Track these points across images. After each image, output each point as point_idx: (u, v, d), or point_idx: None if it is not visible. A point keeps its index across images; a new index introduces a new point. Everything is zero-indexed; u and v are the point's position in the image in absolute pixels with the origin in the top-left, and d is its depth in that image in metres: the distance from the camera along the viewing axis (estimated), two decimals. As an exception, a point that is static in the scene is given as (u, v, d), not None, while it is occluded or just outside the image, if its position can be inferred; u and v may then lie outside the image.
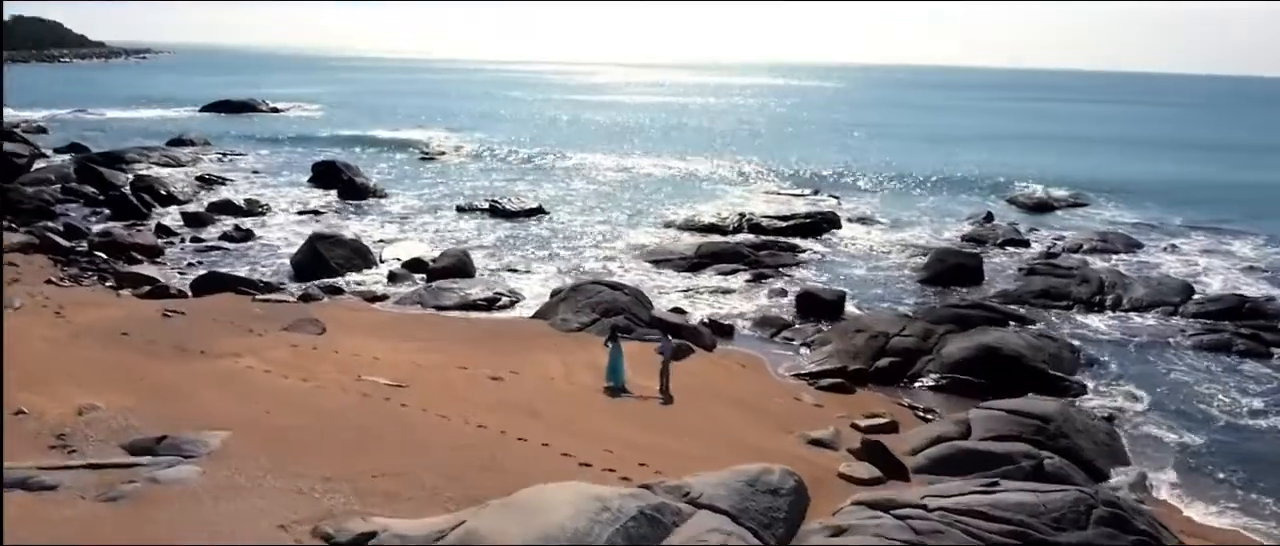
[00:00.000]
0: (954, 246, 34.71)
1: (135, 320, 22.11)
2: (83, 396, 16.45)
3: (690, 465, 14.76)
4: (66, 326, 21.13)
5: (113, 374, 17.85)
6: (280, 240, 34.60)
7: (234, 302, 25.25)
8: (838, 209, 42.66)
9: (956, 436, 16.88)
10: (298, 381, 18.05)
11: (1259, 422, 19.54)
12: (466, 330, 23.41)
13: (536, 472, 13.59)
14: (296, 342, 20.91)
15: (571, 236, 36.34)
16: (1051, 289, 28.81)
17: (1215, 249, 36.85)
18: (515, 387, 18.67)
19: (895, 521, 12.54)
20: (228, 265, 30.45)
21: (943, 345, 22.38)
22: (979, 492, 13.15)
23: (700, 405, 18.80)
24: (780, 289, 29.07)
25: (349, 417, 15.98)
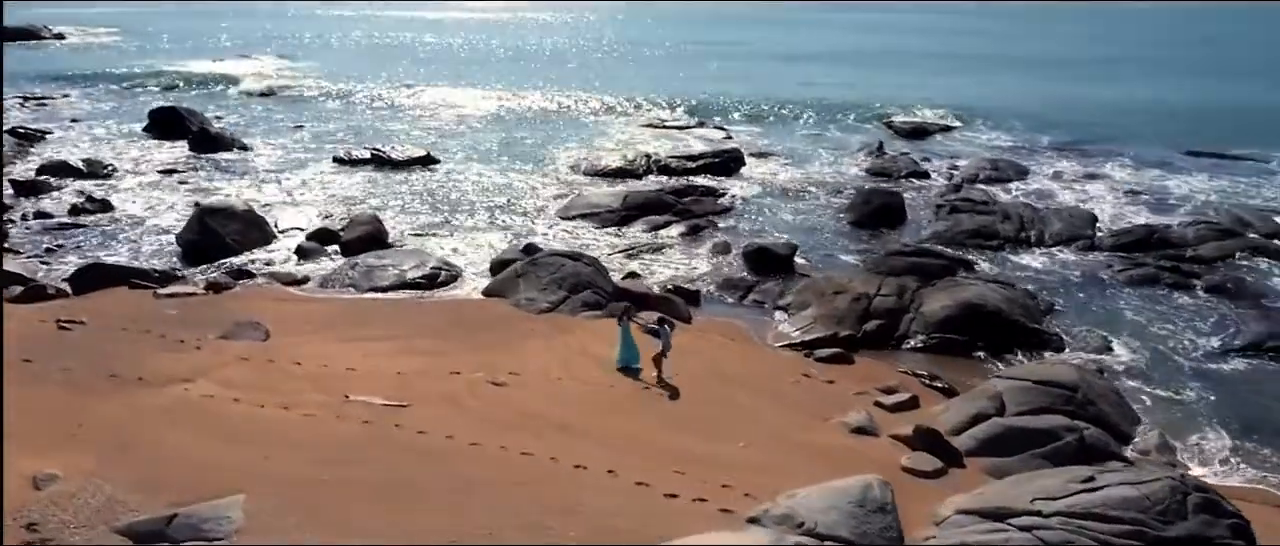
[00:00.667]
0: (873, 185, 34.91)
1: (26, 337, 18.67)
2: (24, 459, 13.60)
3: (764, 479, 14.06)
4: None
5: (45, 422, 14.93)
6: (145, 211, 30.53)
7: (135, 302, 21.93)
8: (736, 143, 42.09)
9: (994, 413, 16.86)
10: (277, 410, 15.77)
11: (1224, 366, 20.76)
12: (426, 319, 21.36)
13: (628, 511, 12.45)
14: (246, 355, 18.32)
15: (474, 190, 34.04)
16: (981, 229, 29.56)
17: (1095, 173, 39.05)
18: (524, 394, 17.13)
19: (1024, 535, 12.23)
20: (98, 248, 26.48)
21: (921, 303, 22.42)
22: (1083, 490, 13.04)
23: (719, 393, 17.97)
24: (723, 243, 28.35)
25: (368, 458, 14.06)
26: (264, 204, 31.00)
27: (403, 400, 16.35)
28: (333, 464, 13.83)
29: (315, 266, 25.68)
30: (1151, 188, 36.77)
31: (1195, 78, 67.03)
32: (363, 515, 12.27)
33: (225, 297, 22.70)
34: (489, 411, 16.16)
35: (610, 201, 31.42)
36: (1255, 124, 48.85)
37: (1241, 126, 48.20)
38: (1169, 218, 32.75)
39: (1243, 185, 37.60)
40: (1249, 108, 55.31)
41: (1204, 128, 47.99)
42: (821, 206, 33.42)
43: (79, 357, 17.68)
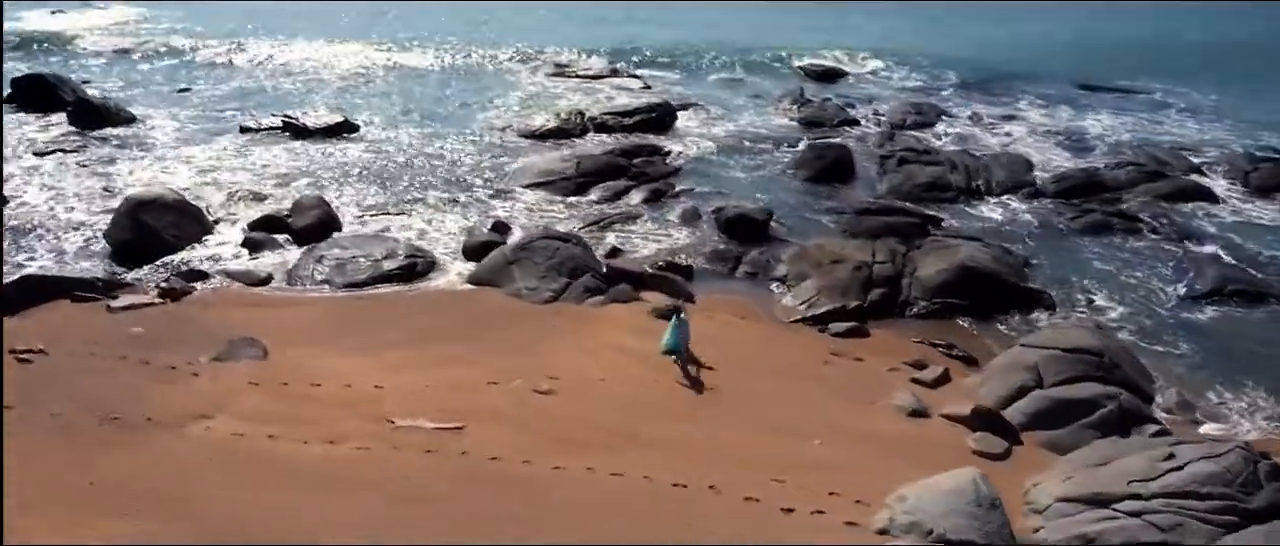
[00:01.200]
0: (817, 138, 35.12)
1: (-18, 374, 16.57)
2: (47, 534, 12.14)
3: (860, 480, 14.18)
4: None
5: (59, 481, 13.34)
6: (45, 201, 27.53)
7: (88, 319, 19.82)
8: (658, 95, 41.52)
9: (1034, 384, 17.47)
10: (323, 446, 14.68)
11: (1198, 315, 22.31)
12: (429, 320, 20.27)
13: (759, 533, 12.27)
14: (254, 378, 16.91)
15: (408, 160, 32.25)
16: (934, 181, 30.35)
17: (1011, 115, 40.69)
18: (576, 403, 16.57)
19: (1134, 521, 12.77)
20: (12, 254, 23.72)
21: (915, 267, 22.90)
22: (1171, 470, 13.73)
23: (758, 383, 17.96)
24: (692, 209, 28.06)
25: (449, 493, 13.32)
26: (183, 187, 28.42)
27: (454, 421, 15.49)
28: (414, 503, 13.03)
29: (272, 259, 23.91)
30: (1067, 128, 38.58)
31: (1082, 13, 70.15)
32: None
33: (188, 306, 20.85)
34: (550, 426, 15.54)
35: (563, 168, 30.46)
36: (1140, 57, 51.84)
37: (1127, 60, 51.06)
38: (1089, 158, 34.53)
39: (1145, 121, 39.99)
40: (1133, 41, 58.56)
41: (1093, 61, 50.57)
42: (769, 162, 33.47)
43: (59, 397, 15.85)
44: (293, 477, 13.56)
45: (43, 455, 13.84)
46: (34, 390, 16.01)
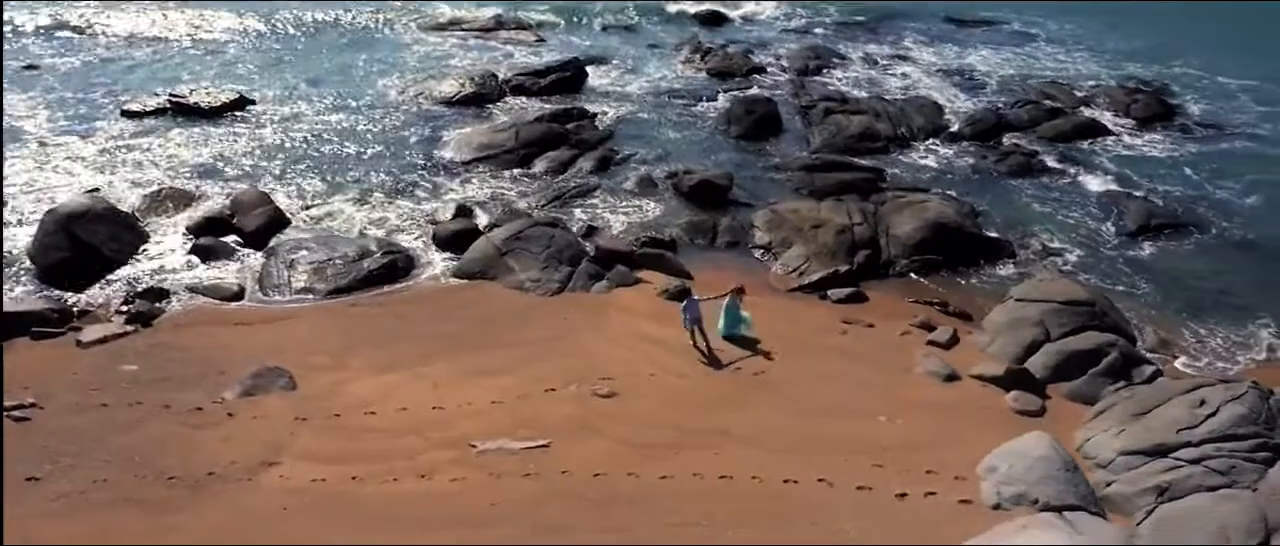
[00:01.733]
0: (742, 92, 35.64)
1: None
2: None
3: (942, 455, 15.23)
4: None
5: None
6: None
7: (61, 359, 18.26)
8: (555, 49, 40.98)
9: (1044, 338, 19.06)
10: (417, 481, 14.46)
11: (1139, 252, 24.76)
12: (443, 323, 19.82)
13: (890, 524, 13.17)
14: (301, 413, 16.18)
15: (323, 139, 30.48)
16: (865, 131, 31.68)
17: (901, 54, 42.51)
18: (640, 402, 16.86)
19: (1197, 468, 14.46)
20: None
21: (888, 226, 24.13)
22: (1209, 415, 15.48)
23: (796, 362, 18.74)
24: (646, 176, 28.23)
25: (575, 521, 13.44)
26: (91, 188, 26.04)
27: (535, 437, 15.45)
28: (550, 532, 13.07)
29: (231, 268, 22.48)
30: (957, 67, 40.81)
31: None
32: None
33: (166, 333, 19.47)
34: (630, 432, 15.78)
35: (502, 140, 29.83)
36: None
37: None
38: (984, 97, 36.77)
39: (1022, 56, 42.77)
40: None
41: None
42: (697, 119, 33.82)
43: (95, 461, 14.74)
44: (409, 520, 13.28)
45: (121, 531, 12.90)
46: (59, 454, 14.79)
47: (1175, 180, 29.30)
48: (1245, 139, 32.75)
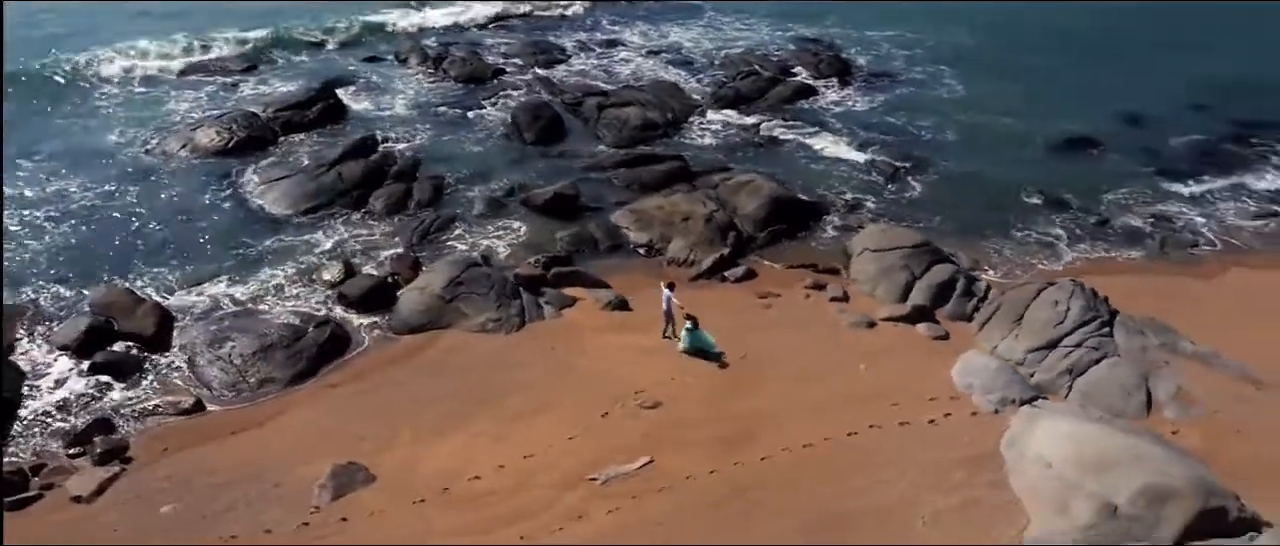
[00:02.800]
0: (528, 99, 37.44)
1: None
2: None
3: (914, 383, 20.21)
4: None
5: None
6: None
7: (79, 521, 17.10)
8: (283, 76, 39.96)
9: (914, 277, 24.73)
10: (580, 525, 16.48)
11: (913, 192, 31.42)
12: (437, 382, 20.84)
13: (936, 447, 17.76)
14: (415, 497, 17.08)
15: (112, 217, 28.15)
16: (644, 122, 35.72)
17: (614, 40, 46.67)
18: (685, 405, 19.83)
19: (1084, 349, 20.81)
20: None
21: (735, 207, 28.60)
22: (1066, 310, 21.99)
23: (755, 341, 22.55)
24: (488, 197, 29.90)
25: (788, 503, 16.30)
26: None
27: (635, 458, 17.94)
28: (743, 527, 15.95)
29: (150, 379, 21.29)
30: (665, 46, 45.97)
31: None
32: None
33: (162, 464, 18.61)
34: (699, 433, 18.72)
35: (329, 183, 29.66)
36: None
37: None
38: (706, 73, 42.29)
39: (707, 29, 48.91)
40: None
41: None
42: (481, 130, 35.47)
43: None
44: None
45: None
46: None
47: (888, 127, 36.80)
48: (913, 85, 41.45)
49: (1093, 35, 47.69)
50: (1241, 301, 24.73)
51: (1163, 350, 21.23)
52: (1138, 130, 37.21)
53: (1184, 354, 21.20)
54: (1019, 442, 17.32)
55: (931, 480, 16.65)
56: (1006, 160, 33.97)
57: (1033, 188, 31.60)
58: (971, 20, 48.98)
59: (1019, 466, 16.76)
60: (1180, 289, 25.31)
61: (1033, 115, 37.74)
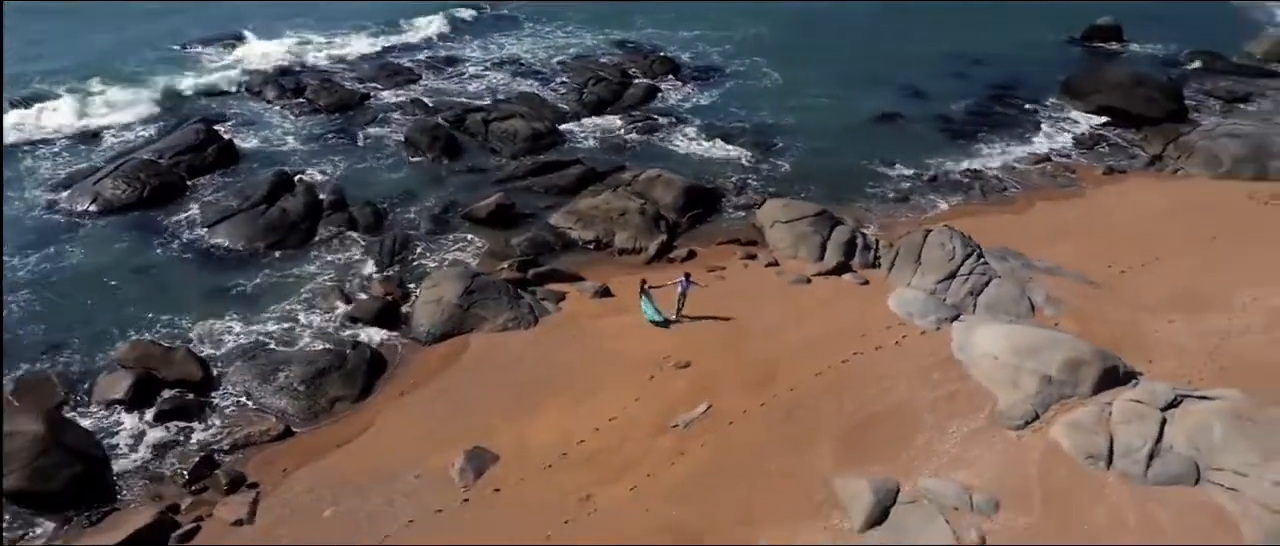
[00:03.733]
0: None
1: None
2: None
3: (864, 322, 26.48)
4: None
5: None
6: None
7: (261, 535, 19.58)
8: (145, 118, 40.23)
9: (823, 239, 30.98)
10: (688, 460, 21.15)
11: (757, 169, 37.88)
12: (502, 376, 24.13)
13: (911, 363, 24.11)
14: (549, 463, 20.94)
15: (80, 281, 28.51)
16: (533, 132, 39.73)
17: (452, 57, 49.96)
18: (707, 361, 24.60)
19: (977, 275, 27.99)
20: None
21: (656, 200, 33.66)
22: (954, 246, 29.12)
23: (725, 305, 27.89)
24: (429, 217, 32.90)
25: (804, 423, 21.86)
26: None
27: (696, 405, 22.73)
28: (807, 423, 21.32)
29: (238, 416, 23.35)
30: (504, 57, 49.69)
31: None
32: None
33: (286, 486, 21.02)
34: (734, 379, 23.70)
35: (276, 219, 31.31)
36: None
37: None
38: (557, 81, 46.64)
39: (537, 38, 53.08)
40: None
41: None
42: (379, 153, 37.73)
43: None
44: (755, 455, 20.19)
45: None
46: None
47: (736, 116, 43.04)
48: (738, 78, 48.11)
49: (866, 24, 56.71)
50: (1051, 226, 32.96)
51: (1024, 269, 28.66)
52: (924, 102, 45.84)
53: (1037, 269, 28.75)
54: (966, 347, 23.84)
55: (918, 382, 22.76)
56: (840, 136, 41.18)
57: (872, 157, 38.88)
58: (761, 17, 56.52)
59: (974, 363, 23.26)
60: (1007, 224, 33.16)
61: (844, 97, 45.44)
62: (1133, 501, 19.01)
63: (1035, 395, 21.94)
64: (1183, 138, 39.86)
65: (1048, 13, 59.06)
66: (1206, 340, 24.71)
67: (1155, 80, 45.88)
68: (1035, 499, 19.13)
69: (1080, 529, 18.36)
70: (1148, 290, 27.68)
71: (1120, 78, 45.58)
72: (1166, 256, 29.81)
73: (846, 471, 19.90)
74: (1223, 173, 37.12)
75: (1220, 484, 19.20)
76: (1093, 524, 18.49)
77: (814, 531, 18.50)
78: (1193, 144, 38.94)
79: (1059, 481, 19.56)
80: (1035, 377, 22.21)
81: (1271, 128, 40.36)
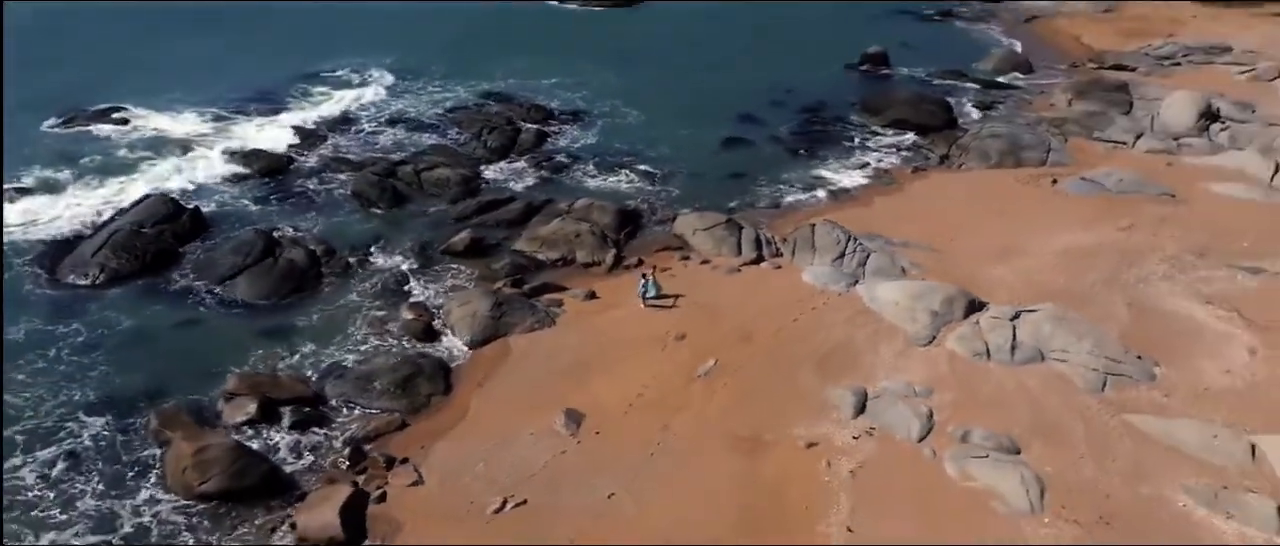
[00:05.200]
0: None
1: None
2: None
3: (796, 293, 36.83)
4: None
5: None
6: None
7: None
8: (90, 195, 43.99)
9: (737, 239, 40.92)
10: (721, 390, 30.18)
11: (669, 191, 47.63)
12: (552, 363, 32.02)
13: (842, 323, 34.56)
14: (629, 404, 29.21)
15: (129, 336, 33.18)
16: (460, 178, 47.19)
17: (350, 116, 56.02)
18: (701, 335, 33.73)
19: (862, 250, 39.05)
20: None
21: (596, 222, 42.29)
22: (835, 238, 40.03)
23: (699, 294, 37.15)
24: (419, 252, 40.04)
25: (794, 349, 31.45)
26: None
27: (706, 361, 31.71)
28: (792, 349, 30.92)
29: (357, 418, 29.79)
30: (393, 114, 56.34)
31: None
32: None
33: (443, 451, 28.03)
34: (726, 342, 32.94)
35: (276, 275, 37.30)
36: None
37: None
38: (445, 130, 53.84)
39: (410, 96, 59.94)
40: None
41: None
42: (335, 206, 43.70)
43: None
44: (787, 364, 29.39)
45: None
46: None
47: (619, 151, 52.00)
48: (603, 119, 56.92)
49: (688, 64, 67.71)
50: (891, 214, 44.28)
51: (887, 246, 39.72)
52: (759, 127, 56.73)
53: (896, 245, 39.86)
54: (875, 299, 34.29)
55: (850, 326, 32.87)
56: (706, 160, 51.06)
57: (737, 175, 49.20)
58: (600, 64, 66.12)
59: (882, 309, 33.71)
60: (861, 215, 44.13)
61: (696, 128, 55.51)
62: (1009, 376, 29.86)
63: (929, 323, 32.56)
64: (959, 140, 53.03)
65: (823, 45, 72.46)
66: (1020, 276, 36.48)
67: (931, 96, 59.55)
68: (950, 383, 29.53)
69: (984, 394, 28.89)
70: (971, 250, 39.37)
71: (905, 96, 58.77)
72: (974, 227, 41.84)
73: (828, 386, 29.48)
74: (992, 164, 50.29)
75: (1057, 360, 30.44)
76: (989, 390, 29.11)
77: (825, 423, 27.90)
78: (968, 144, 52.11)
79: (961, 371, 30.12)
80: (927, 313, 32.87)
81: (1016, 127, 54.49)
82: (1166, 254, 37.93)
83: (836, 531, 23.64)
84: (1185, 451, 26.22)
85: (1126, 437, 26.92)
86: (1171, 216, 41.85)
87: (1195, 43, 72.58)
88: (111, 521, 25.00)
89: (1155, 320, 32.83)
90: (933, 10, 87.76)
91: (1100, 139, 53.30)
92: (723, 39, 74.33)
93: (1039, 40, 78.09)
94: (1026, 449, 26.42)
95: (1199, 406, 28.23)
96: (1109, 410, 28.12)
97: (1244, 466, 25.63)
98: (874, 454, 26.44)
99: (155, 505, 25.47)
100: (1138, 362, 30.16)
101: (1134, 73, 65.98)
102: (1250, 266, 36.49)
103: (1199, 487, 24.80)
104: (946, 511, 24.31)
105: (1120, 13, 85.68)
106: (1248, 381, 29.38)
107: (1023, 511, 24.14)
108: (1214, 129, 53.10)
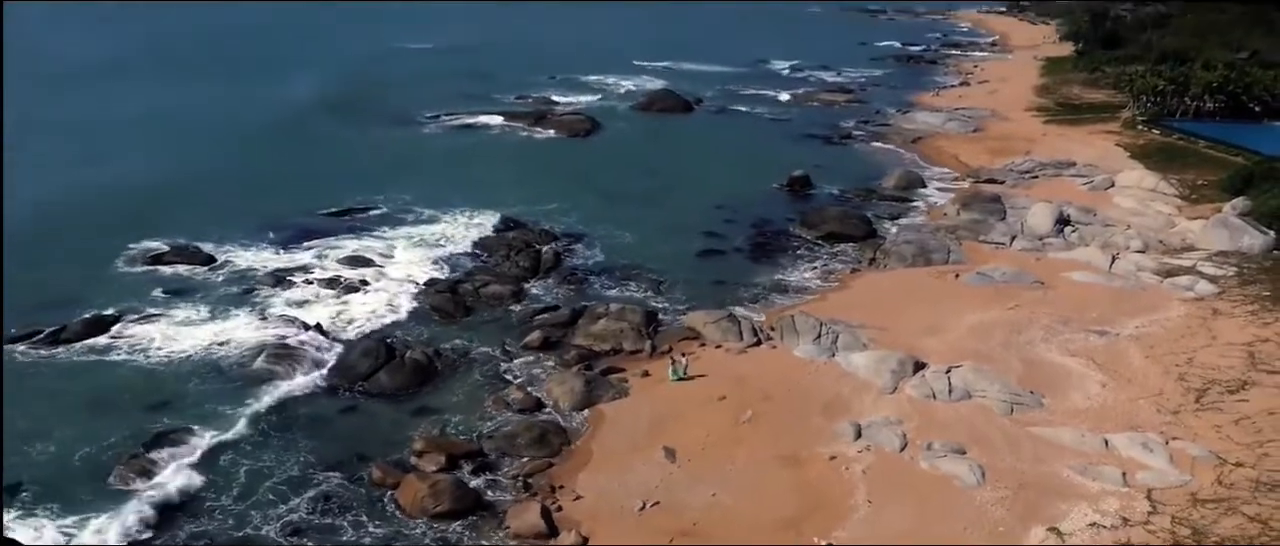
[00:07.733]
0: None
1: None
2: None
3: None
4: None
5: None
6: None
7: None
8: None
9: (743, 327, 56.23)
10: (770, 435, 45.10)
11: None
12: (638, 419, 46.35)
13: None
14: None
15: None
16: (500, 293, 61.45)
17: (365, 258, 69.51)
18: (739, 397, 48.67)
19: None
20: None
21: (631, 320, 57.01)
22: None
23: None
24: (500, 350, 54.03)
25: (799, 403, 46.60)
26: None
27: (746, 411, 46.51)
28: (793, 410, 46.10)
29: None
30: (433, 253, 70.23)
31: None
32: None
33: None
34: (754, 395, 47.86)
35: (409, 367, 50.68)
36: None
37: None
38: (465, 262, 68.13)
39: (403, 240, 73.96)
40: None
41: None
42: (411, 319, 57.60)
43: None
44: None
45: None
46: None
47: (624, 266, 66.90)
48: (601, 240, 72.00)
49: (650, 191, 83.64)
50: (844, 305, 60.10)
51: (848, 328, 55.45)
52: (723, 240, 72.15)
53: (854, 326, 55.62)
54: (850, 364, 49.80)
55: (838, 385, 48.16)
56: (692, 269, 66.22)
57: (718, 279, 64.61)
58: (585, 187, 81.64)
59: (856, 371, 49.22)
60: (823, 306, 59.71)
61: (677, 244, 70.98)
62: (950, 409, 45.39)
63: (891, 379, 48.10)
64: (882, 247, 69.93)
65: (752, 166, 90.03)
66: (945, 344, 52.57)
67: (853, 212, 76.81)
68: (913, 415, 44.88)
69: (937, 420, 44.34)
70: (908, 328, 55.44)
71: (835, 213, 75.82)
72: (906, 311, 58.08)
73: (834, 422, 44.47)
74: (909, 264, 67.13)
75: (980, 397, 46.29)
76: (940, 418, 44.53)
77: (838, 444, 42.74)
78: (888, 250, 69.02)
79: (919, 407, 45.55)
80: (888, 372, 48.45)
81: (923, 235, 71.90)
82: (1043, 324, 54.81)
83: (861, 504, 38.26)
84: (1065, 446, 41.97)
85: (1029, 441, 42.57)
86: (1043, 298, 59.13)
87: (1047, 159, 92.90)
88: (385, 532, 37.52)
89: (1040, 369, 49.17)
90: (832, 134, 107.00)
91: (985, 241, 71.11)
92: (670, 164, 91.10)
93: (928, 158, 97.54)
94: (969, 450, 41.76)
95: (1072, 420, 44.26)
96: (1017, 425, 43.85)
97: (1100, 452, 41.52)
98: (874, 460, 41.31)
99: (401, 523, 37.88)
100: (1031, 396, 46.21)
101: (1003, 185, 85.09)
102: (1099, 330, 53.62)
103: (1076, 466, 40.48)
104: (925, 489, 39.25)
105: (987, 132, 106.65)
106: (1100, 403, 45.68)
107: (973, 485, 39.29)
108: (1067, 231, 71.62)
